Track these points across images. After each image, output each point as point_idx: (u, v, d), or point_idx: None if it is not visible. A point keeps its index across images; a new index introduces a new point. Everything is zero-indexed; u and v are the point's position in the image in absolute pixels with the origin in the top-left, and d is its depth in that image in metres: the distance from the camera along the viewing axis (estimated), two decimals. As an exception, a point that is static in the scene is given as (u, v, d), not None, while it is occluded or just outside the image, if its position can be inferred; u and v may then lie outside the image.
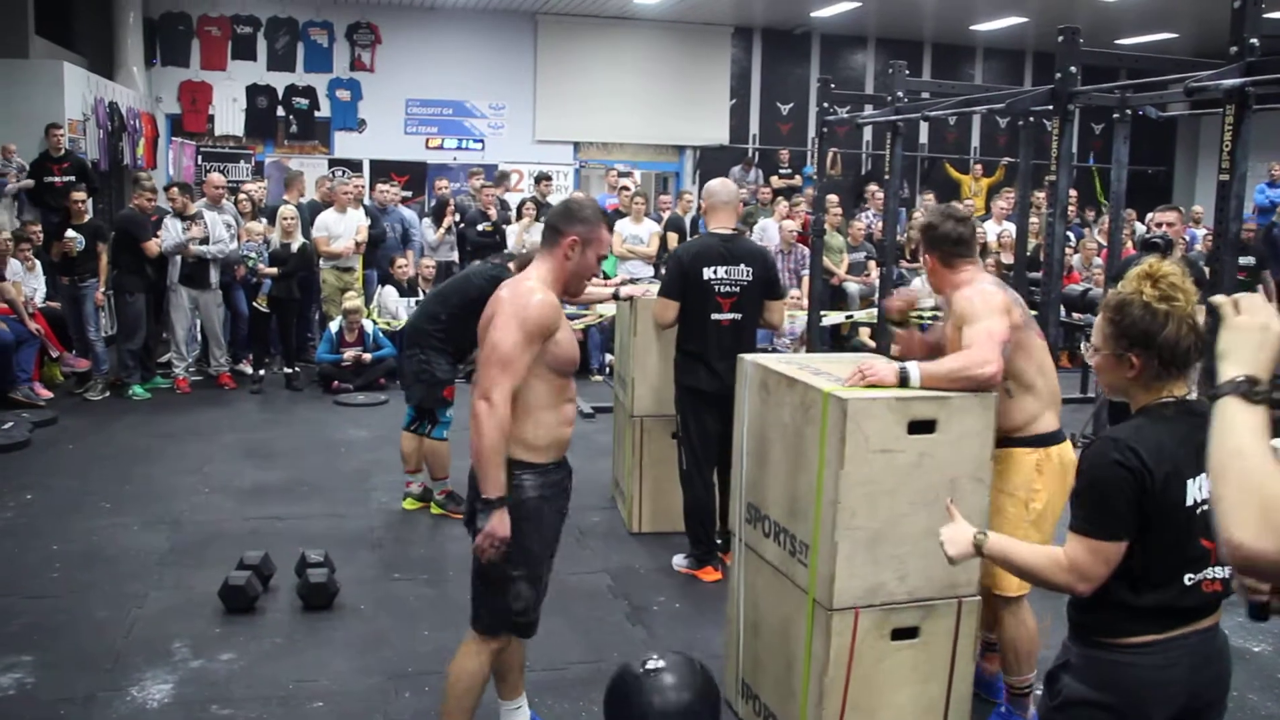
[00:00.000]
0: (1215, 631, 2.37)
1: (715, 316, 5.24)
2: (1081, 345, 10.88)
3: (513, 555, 3.23)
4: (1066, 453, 3.76)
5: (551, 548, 3.45)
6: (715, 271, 5.22)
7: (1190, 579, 2.29)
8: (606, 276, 11.30)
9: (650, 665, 3.56)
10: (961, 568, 3.40)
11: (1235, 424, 1.53)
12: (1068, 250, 11.76)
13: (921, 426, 3.30)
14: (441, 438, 6.15)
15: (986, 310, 3.55)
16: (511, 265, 5.91)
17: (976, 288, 3.68)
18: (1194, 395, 2.37)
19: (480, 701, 3.46)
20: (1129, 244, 9.93)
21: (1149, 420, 2.34)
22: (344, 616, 4.84)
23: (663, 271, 6.79)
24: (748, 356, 3.96)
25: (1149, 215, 6.97)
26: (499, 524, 3.15)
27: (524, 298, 3.19)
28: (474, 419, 3.15)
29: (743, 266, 5.28)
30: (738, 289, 5.25)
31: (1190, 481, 2.27)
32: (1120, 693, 2.31)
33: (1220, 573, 2.29)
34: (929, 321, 11.35)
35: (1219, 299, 1.67)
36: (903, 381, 3.38)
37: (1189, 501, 2.26)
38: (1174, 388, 2.34)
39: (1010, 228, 11.70)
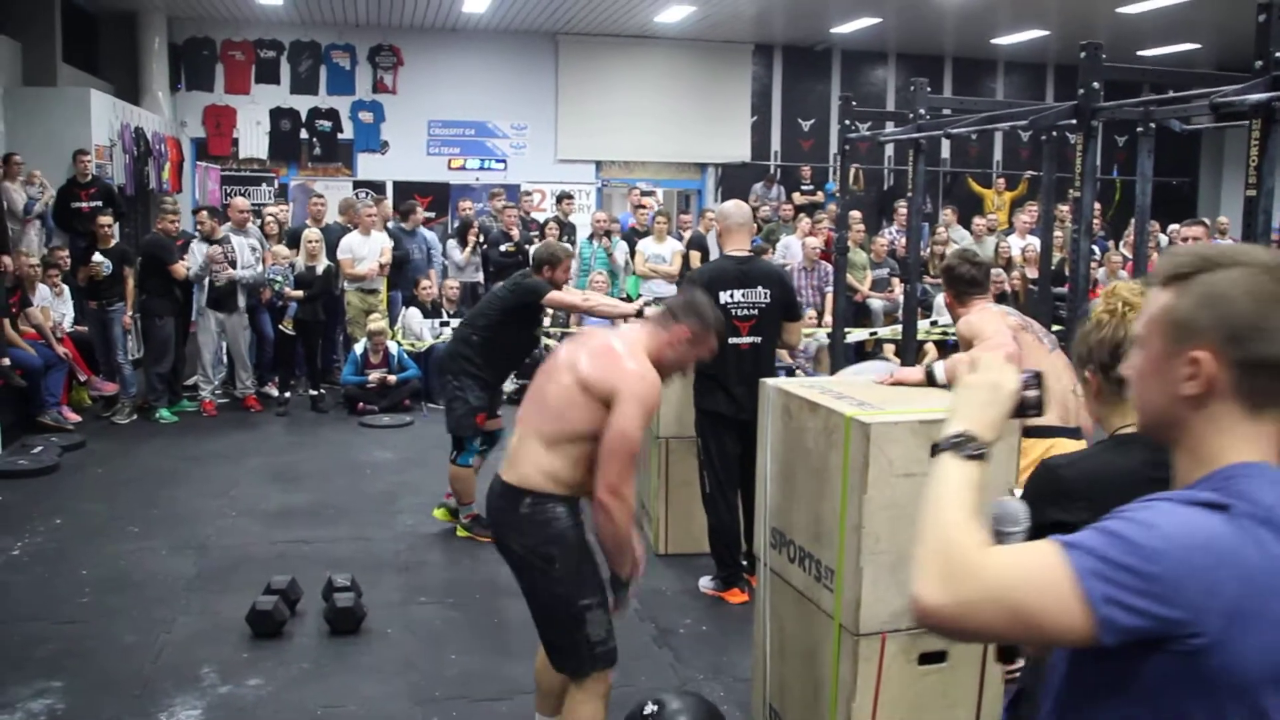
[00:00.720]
0: None
1: (733, 341, 5.22)
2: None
3: (576, 588, 3.25)
4: (1058, 447, 3.78)
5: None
6: (732, 295, 5.21)
7: None
8: (629, 297, 11.35)
9: (648, 711, 3.53)
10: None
11: (942, 479, 1.47)
12: (1092, 265, 11.72)
13: (946, 450, 3.29)
14: (466, 464, 6.13)
15: (983, 322, 4.05)
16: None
17: (977, 313, 4.22)
18: None
19: None
20: (1154, 257, 9.85)
21: (1104, 449, 2.28)
22: (371, 641, 4.86)
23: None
24: (770, 381, 3.95)
25: (1172, 228, 6.94)
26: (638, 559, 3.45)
27: (648, 382, 3.25)
28: (604, 512, 3.21)
29: (760, 289, 5.27)
30: (755, 312, 5.24)
31: None
32: None
33: None
34: (954, 337, 11.33)
35: (958, 357, 1.65)
36: (929, 378, 3.53)
37: None
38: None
39: (1034, 242, 11.64)
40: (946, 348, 11.44)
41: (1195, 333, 1.41)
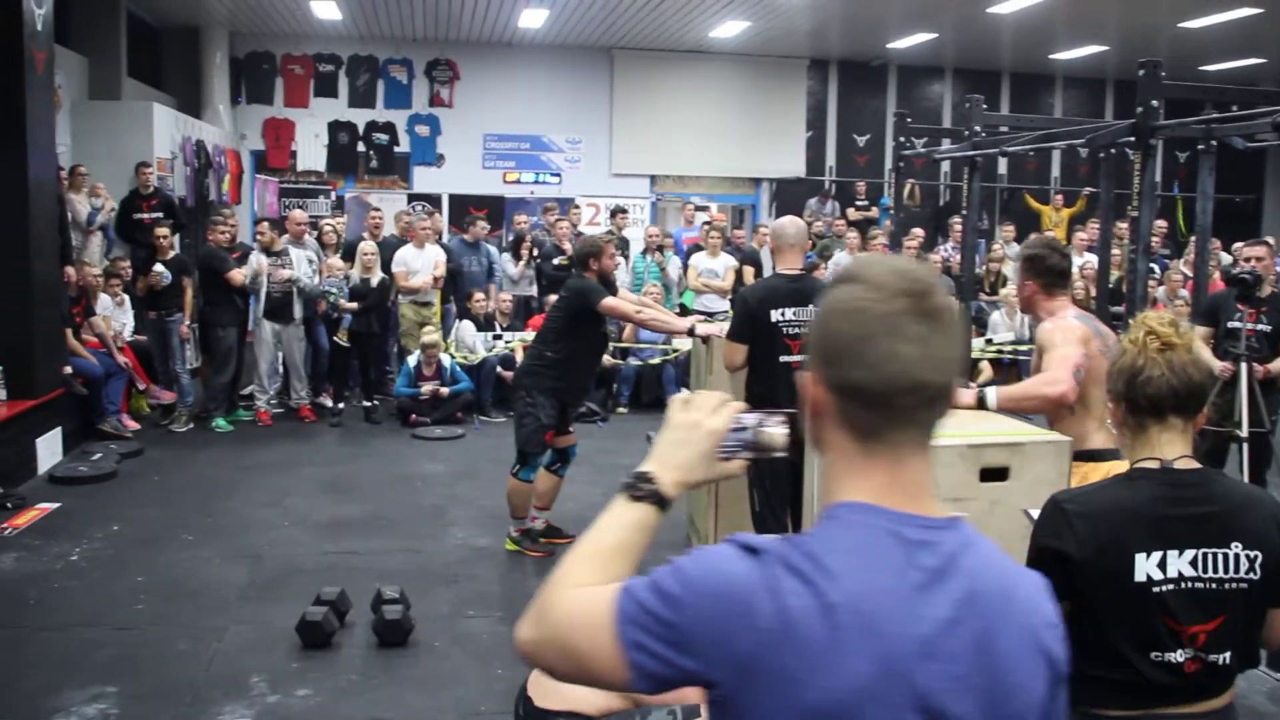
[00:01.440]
0: (1219, 715, 2.24)
1: (784, 359, 5.20)
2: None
3: None
4: (1117, 468, 3.72)
5: None
6: (784, 313, 5.18)
7: (1158, 656, 2.17)
8: (685, 308, 11.35)
9: None
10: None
11: (605, 515, 1.43)
12: (1152, 284, 11.55)
13: (993, 474, 3.26)
14: (527, 479, 6.11)
15: (1064, 339, 3.71)
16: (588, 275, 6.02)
17: (1058, 320, 3.85)
18: (1191, 462, 2.22)
19: None
20: (1215, 276, 9.69)
21: (1113, 484, 2.27)
22: (418, 653, 4.88)
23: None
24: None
25: (1235, 246, 6.82)
26: None
27: None
28: None
29: (811, 307, 5.24)
30: (807, 330, 5.21)
31: (1141, 555, 2.14)
32: None
33: (1206, 656, 2.18)
34: (1009, 356, 11.20)
35: (675, 397, 1.59)
36: (980, 403, 3.46)
37: (1139, 577, 2.14)
38: (1163, 444, 2.21)
39: (1092, 259, 11.49)
40: (1001, 366, 11.33)
41: (810, 353, 1.35)
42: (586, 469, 7.16)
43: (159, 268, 9.13)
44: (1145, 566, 2.14)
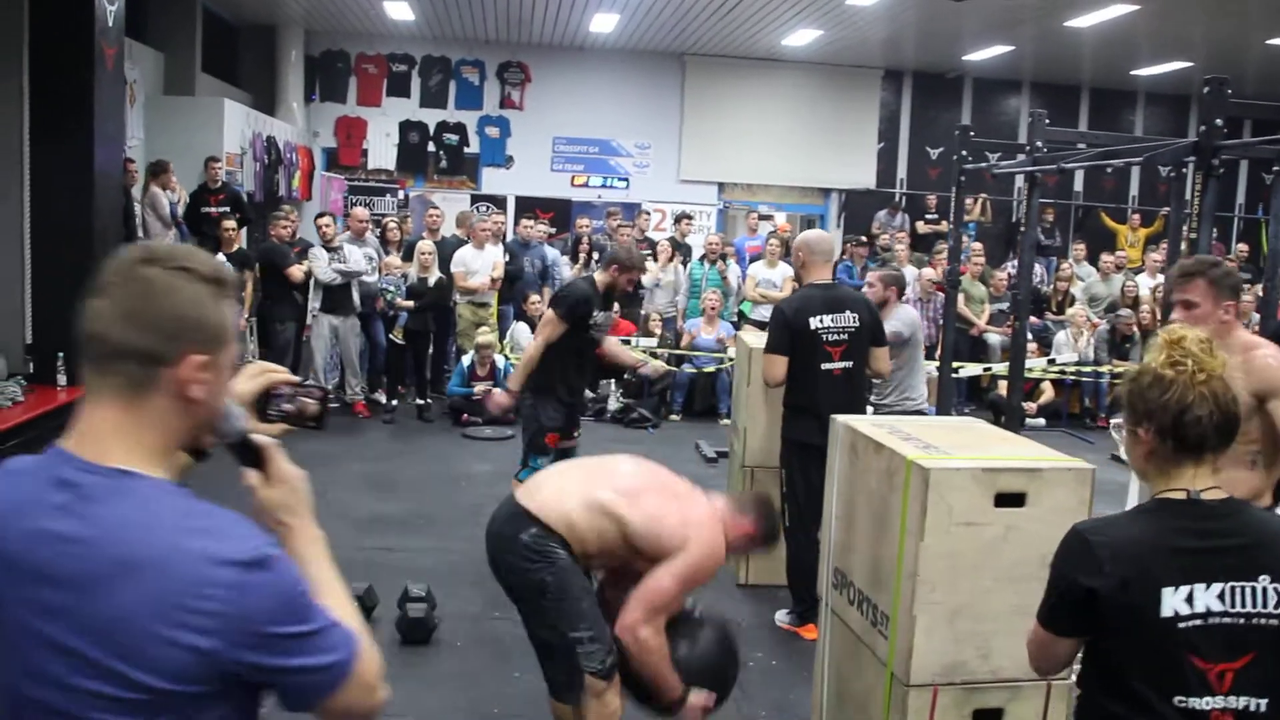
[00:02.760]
0: None
1: (825, 366, 5.15)
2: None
3: (568, 620, 3.33)
4: None
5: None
6: (821, 320, 5.13)
7: (1182, 702, 2.05)
8: (742, 315, 11.28)
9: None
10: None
11: None
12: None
13: (1010, 499, 3.17)
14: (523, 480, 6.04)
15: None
16: (597, 276, 5.95)
17: (1274, 350, 3.53)
18: (1218, 493, 2.13)
19: None
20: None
21: (1137, 515, 2.19)
22: (440, 652, 4.89)
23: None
24: (840, 418, 3.86)
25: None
26: (698, 701, 3.38)
27: (715, 553, 3.40)
28: (633, 651, 3.29)
29: (848, 313, 5.20)
30: (846, 336, 5.16)
31: (1168, 590, 2.04)
32: None
33: (1235, 702, 2.06)
34: (1072, 377, 10.96)
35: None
36: None
37: (1166, 612, 2.04)
38: (1194, 478, 2.11)
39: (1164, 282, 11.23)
40: (1064, 387, 11.10)
41: None
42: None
43: (221, 258, 9.27)
44: (1173, 601, 2.05)
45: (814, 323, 5.13)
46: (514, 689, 4.53)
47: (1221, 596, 2.06)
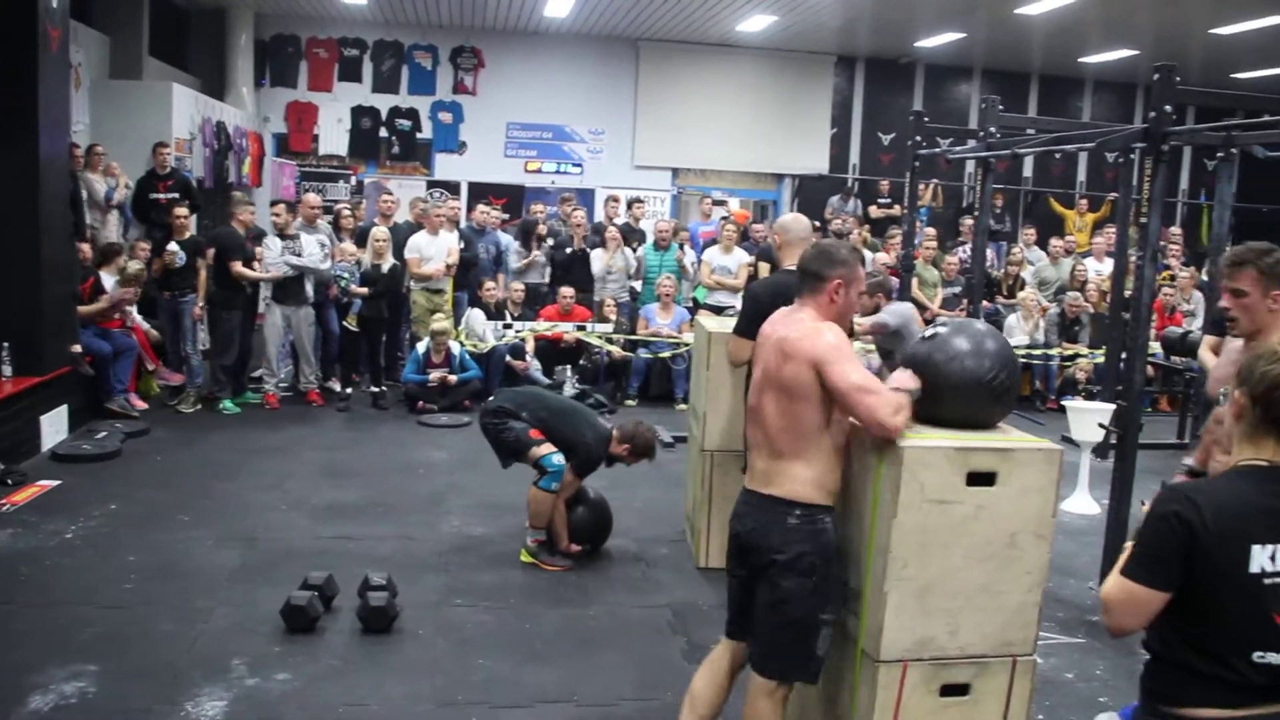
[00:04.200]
0: None
1: None
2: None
3: (822, 600, 3.28)
4: None
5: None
6: None
7: (1260, 657, 2.17)
8: (697, 304, 11.28)
9: None
10: (1018, 625, 3.28)
11: None
12: (1168, 292, 11.42)
13: (981, 479, 3.19)
14: (548, 488, 5.81)
15: None
16: (612, 447, 6.05)
17: None
18: None
19: None
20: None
21: (1228, 478, 2.26)
22: (401, 641, 4.85)
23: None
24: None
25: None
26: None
27: (835, 333, 3.31)
28: (889, 432, 3.18)
29: None
30: None
31: (1257, 547, 2.16)
32: None
33: None
34: (1023, 360, 11.06)
35: None
36: None
37: (1254, 568, 2.16)
38: (1276, 450, 2.25)
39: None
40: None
41: None
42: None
43: (173, 247, 9.13)
44: (1260, 558, 2.17)
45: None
46: (477, 676, 4.50)
47: None
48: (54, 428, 7.86)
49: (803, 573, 3.24)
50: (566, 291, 10.68)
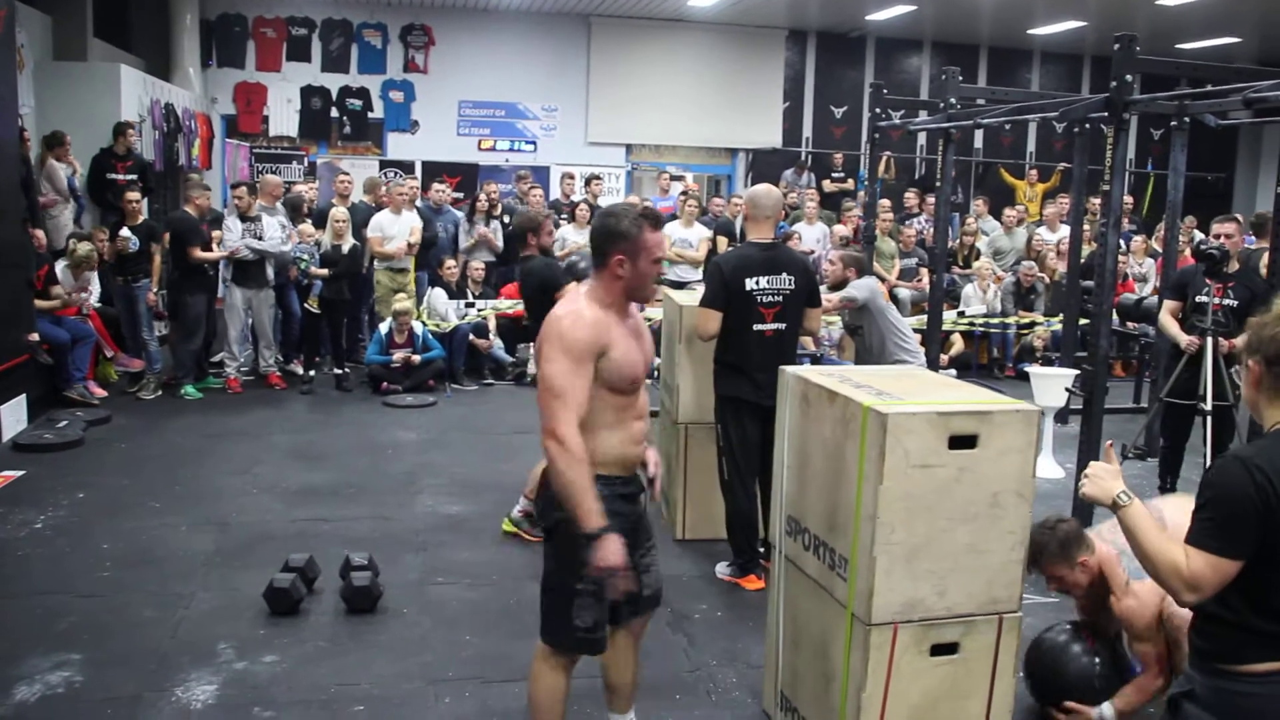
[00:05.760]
0: None
1: (758, 327, 5.20)
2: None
3: (578, 570, 3.15)
4: None
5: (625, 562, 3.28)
6: (758, 282, 5.18)
7: None
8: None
9: None
10: (1003, 583, 3.37)
11: None
12: (1122, 259, 11.62)
13: (962, 441, 3.26)
14: None
15: None
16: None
17: None
18: None
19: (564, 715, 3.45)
20: (1185, 252, 9.76)
21: (1273, 442, 2.31)
22: (386, 620, 4.87)
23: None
24: (789, 369, 3.93)
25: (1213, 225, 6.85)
26: (609, 552, 3.03)
27: (562, 321, 3.14)
28: (549, 459, 3.09)
29: (785, 275, 5.24)
30: (780, 299, 5.21)
31: None
32: None
33: None
34: (980, 328, 11.22)
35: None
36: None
37: None
38: None
39: (1066, 234, 11.55)
40: (972, 339, 11.38)
41: None
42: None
43: (125, 232, 9.00)
44: None
45: (750, 284, 5.17)
46: (467, 651, 4.54)
47: None
48: (13, 417, 7.76)
49: (559, 541, 3.24)
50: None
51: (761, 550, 5.36)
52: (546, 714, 3.38)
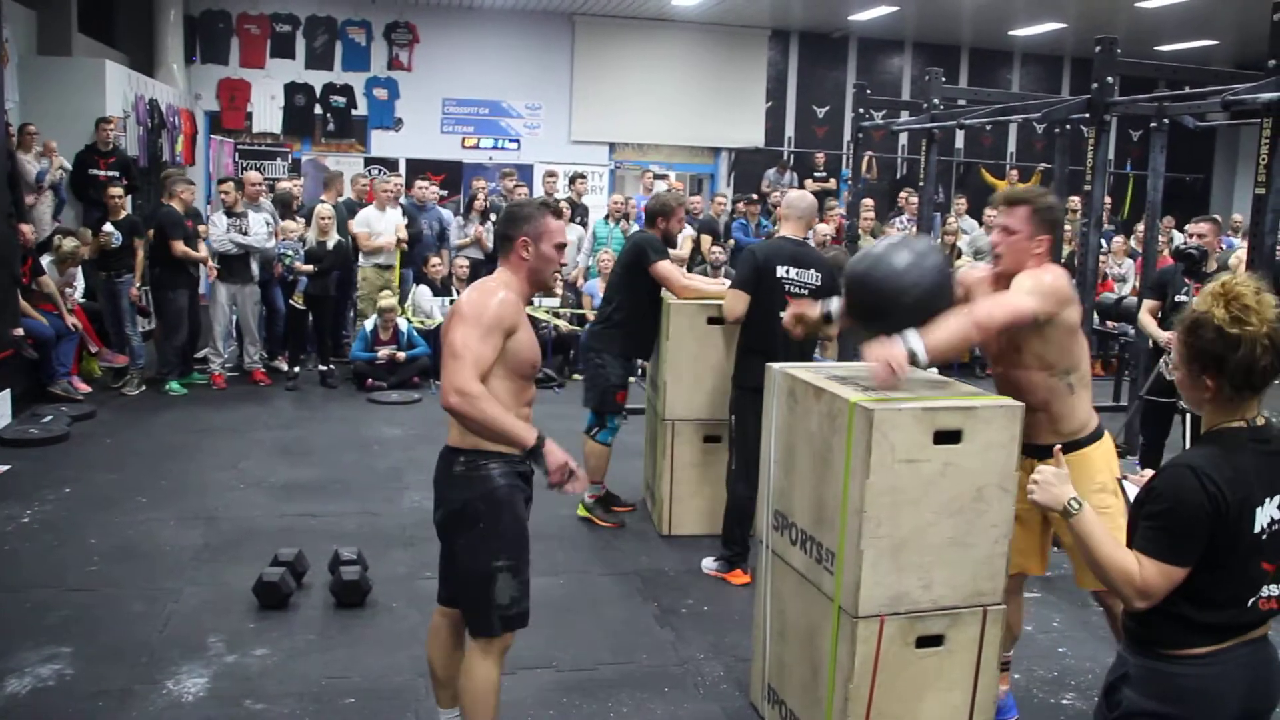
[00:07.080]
0: (1265, 642, 2.40)
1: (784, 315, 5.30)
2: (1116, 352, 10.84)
3: (492, 545, 3.27)
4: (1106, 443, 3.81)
5: (527, 538, 3.43)
6: (788, 271, 5.34)
7: (1252, 602, 2.33)
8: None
9: None
10: (987, 575, 3.43)
11: None
12: (1101, 259, 11.75)
13: (947, 436, 3.32)
14: (605, 442, 6.18)
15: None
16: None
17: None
18: (1263, 418, 2.38)
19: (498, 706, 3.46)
20: (1164, 253, 9.87)
21: (1223, 449, 2.34)
22: (376, 614, 4.90)
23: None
24: (775, 365, 3.99)
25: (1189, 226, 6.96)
26: (556, 454, 3.18)
27: (480, 295, 3.29)
28: (458, 415, 3.17)
29: (813, 271, 5.40)
30: (806, 291, 5.32)
31: (1259, 509, 2.30)
32: (1181, 704, 2.34)
33: (1275, 590, 2.35)
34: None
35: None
36: (911, 358, 3.40)
37: (1257, 528, 2.30)
38: (1246, 410, 2.35)
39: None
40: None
41: None
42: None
43: (109, 228, 8.99)
44: (1261, 519, 2.30)
45: (780, 271, 5.33)
46: (455, 644, 4.58)
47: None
48: (-2, 412, 7.76)
49: (470, 520, 3.29)
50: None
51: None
52: (483, 705, 3.40)
